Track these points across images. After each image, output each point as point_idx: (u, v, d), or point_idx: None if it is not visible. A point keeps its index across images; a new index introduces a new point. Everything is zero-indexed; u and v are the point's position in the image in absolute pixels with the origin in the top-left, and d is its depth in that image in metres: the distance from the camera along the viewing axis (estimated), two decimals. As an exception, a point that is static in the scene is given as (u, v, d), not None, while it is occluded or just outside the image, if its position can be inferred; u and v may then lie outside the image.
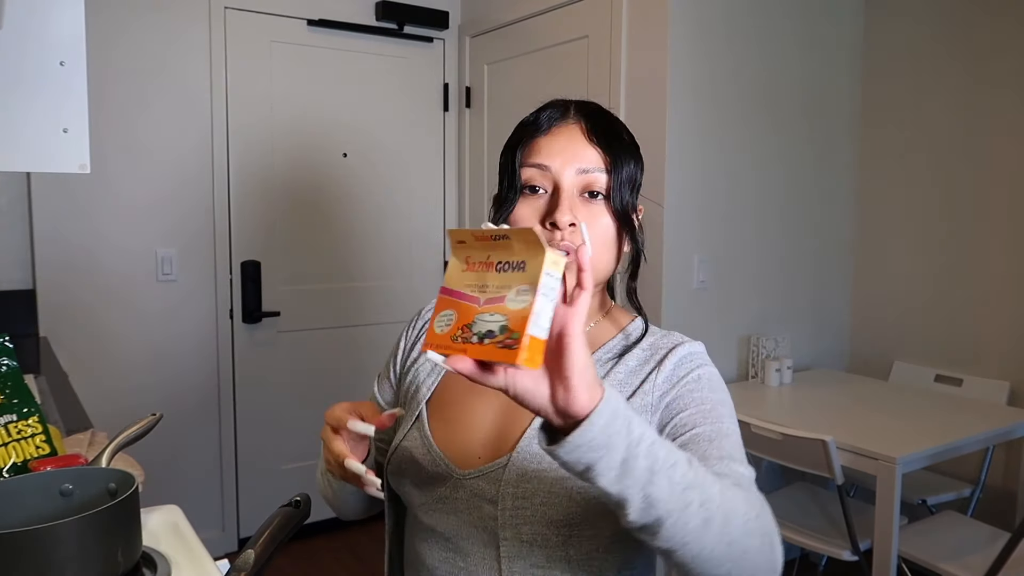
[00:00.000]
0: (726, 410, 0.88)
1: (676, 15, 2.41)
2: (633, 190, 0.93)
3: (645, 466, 0.64)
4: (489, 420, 0.95)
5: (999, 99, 2.56)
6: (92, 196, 2.64)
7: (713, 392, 0.89)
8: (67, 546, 0.74)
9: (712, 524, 0.67)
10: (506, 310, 0.61)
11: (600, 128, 0.92)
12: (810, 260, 2.90)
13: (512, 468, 0.87)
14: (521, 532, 0.86)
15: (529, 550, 0.86)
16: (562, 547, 0.85)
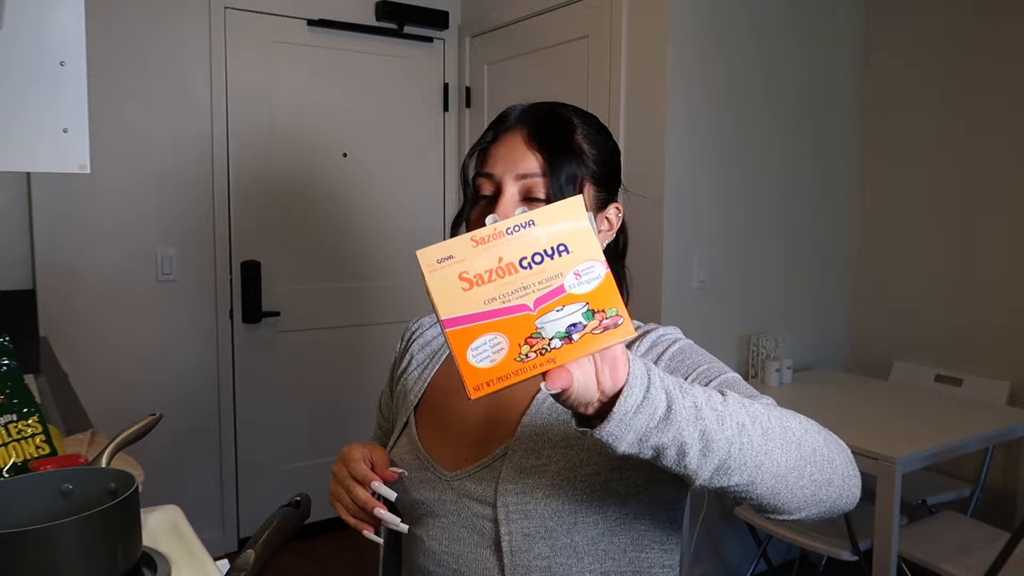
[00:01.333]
0: (718, 364, 0.87)
1: (676, 15, 2.41)
2: (576, 189, 0.89)
3: (689, 405, 0.63)
4: (473, 422, 0.96)
5: (999, 98, 2.56)
6: (92, 196, 2.64)
7: (699, 355, 0.88)
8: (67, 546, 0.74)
9: (772, 434, 0.67)
10: (576, 297, 0.56)
11: (542, 132, 0.91)
12: (810, 260, 2.90)
13: (510, 466, 0.88)
14: (524, 527, 0.86)
15: (532, 543, 0.86)
16: (567, 535, 0.86)
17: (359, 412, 3.20)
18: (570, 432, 0.86)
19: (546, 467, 0.86)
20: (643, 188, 2.52)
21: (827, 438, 0.74)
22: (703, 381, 0.83)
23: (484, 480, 0.89)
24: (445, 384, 1.02)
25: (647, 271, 2.52)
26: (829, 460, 0.71)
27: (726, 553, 2.75)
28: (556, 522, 0.86)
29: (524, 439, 0.89)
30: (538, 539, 0.86)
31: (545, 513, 0.86)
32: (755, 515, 2.34)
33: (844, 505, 0.74)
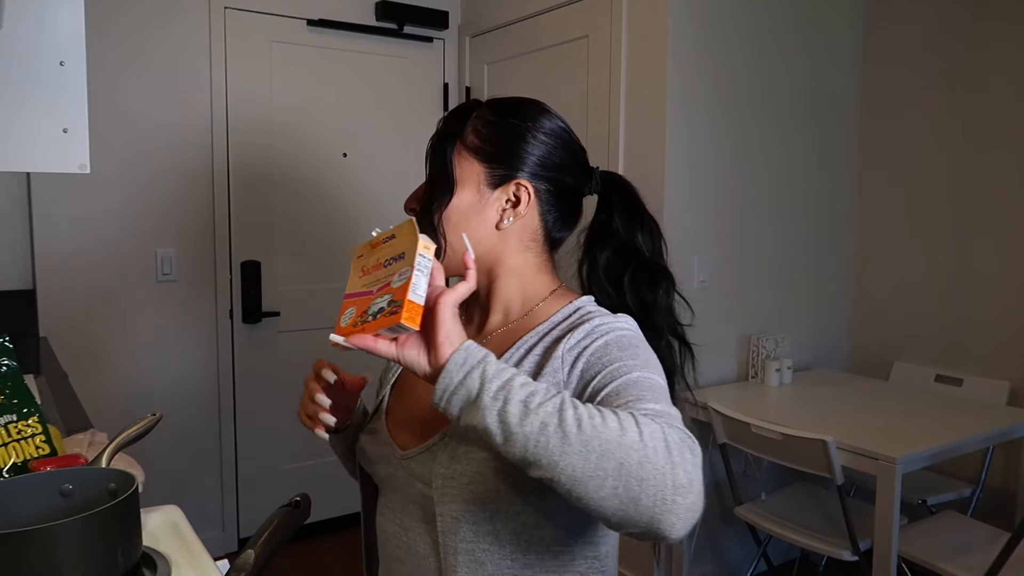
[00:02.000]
0: (636, 362, 0.86)
1: (676, 15, 2.41)
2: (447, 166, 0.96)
3: (497, 396, 0.73)
4: (426, 406, 0.96)
5: (999, 98, 2.56)
6: (92, 196, 2.64)
7: (622, 351, 0.87)
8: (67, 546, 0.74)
9: (572, 441, 0.69)
10: (391, 289, 0.76)
11: (443, 120, 1.00)
12: (810, 260, 2.90)
13: (444, 450, 0.92)
14: (452, 509, 0.91)
15: (458, 525, 0.90)
16: (489, 522, 0.90)
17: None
18: None
19: (472, 454, 0.90)
20: (643, 188, 2.50)
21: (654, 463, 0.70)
22: (604, 381, 0.84)
23: (425, 462, 0.94)
24: None
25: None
26: (639, 480, 0.69)
27: (726, 553, 2.75)
28: (478, 508, 0.89)
29: (458, 428, 0.89)
30: (463, 522, 0.90)
31: (469, 498, 0.89)
32: (755, 515, 2.34)
33: (660, 528, 0.71)
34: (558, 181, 0.98)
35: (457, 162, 0.95)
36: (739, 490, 2.42)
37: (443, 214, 0.95)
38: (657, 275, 1.01)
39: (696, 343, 1.05)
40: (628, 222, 1.03)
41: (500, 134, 0.96)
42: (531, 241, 0.99)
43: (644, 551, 2.61)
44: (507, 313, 1.00)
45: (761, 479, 2.69)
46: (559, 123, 1.00)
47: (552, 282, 1.02)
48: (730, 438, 2.30)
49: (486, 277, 0.99)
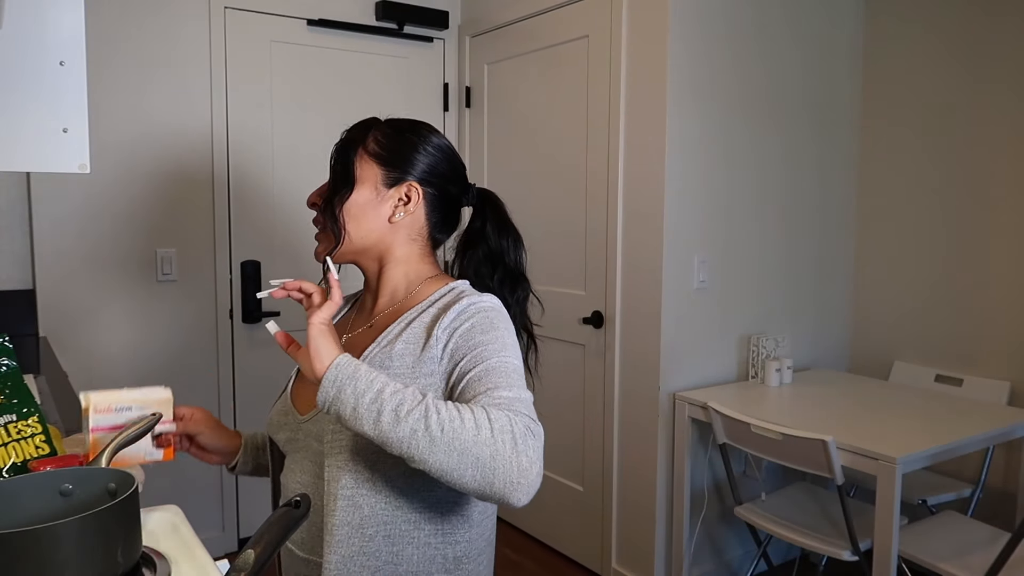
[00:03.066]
0: (496, 345, 1.02)
1: (676, 15, 2.41)
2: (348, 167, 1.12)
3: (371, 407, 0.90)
4: None
5: (999, 98, 2.56)
6: (92, 196, 2.64)
7: (484, 334, 1.03)
8: (67, 546, 0.74)
9: (438, 443, 0.88)
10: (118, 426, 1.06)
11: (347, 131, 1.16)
12: (810, 260, 2.90)
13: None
14: (337, 460, 1.04)
15: (341, 474, 1.04)
16: (368, 471, 1.03)
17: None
18: None
19: None
20: (643, 188, 2.52)
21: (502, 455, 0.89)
22: (468, 365, 1.00)
23: (319, 423, 1.09)
24: None
25: (647, 271, 2.52)
26: (492, 470, 0.88)
27: (726, 553, 2.75)
28: (361, 458, 1.03)
29: None
30: (345, 471, 1.03)
31: (354, 448, 1.03)
32: (755, 515, 2.34)
33: (510, 501, 0.90)
34: (442, 188, 1.15)
35: (358, 164, 1.12)
36: (739, 490, 2.42)
37: (344, 207, 1.11)
38: (518, 280, 1.19)
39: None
40: (497, 232, 1.18)
41: (397, 144, 1.13)
42: (416, 235, 1.15)
43: (645, 550, 2.61)
44: (393, 295, 1.15)
45: (761, 479, 2.69)
46: (446, 142, 1.17)
47: (433, 269, 1.17)
48: (730, 438, 2.30)
49: (376, 264, 1.16)
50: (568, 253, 2.83)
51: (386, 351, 1.07)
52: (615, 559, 2.73)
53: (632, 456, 2.64)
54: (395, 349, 1.06)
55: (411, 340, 1.06)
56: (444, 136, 1.18)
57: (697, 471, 2.58)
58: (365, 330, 1.16)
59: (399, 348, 1.06)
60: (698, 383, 2.60)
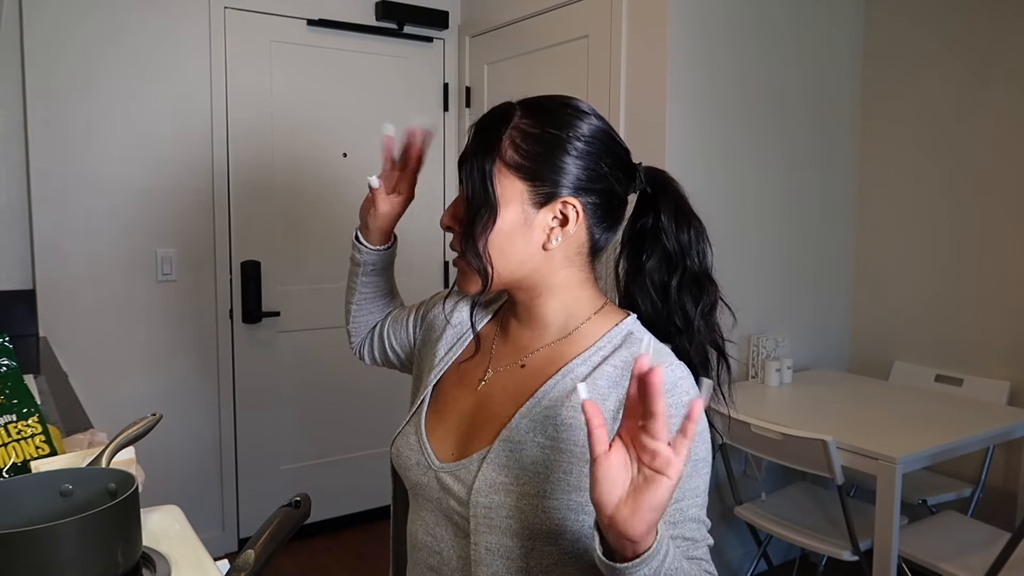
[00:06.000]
0: (688, 467, 0.83)
1: (676, 15, 2.41)
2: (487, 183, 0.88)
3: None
4: (466, 418, 0.98)
5: (999, 98, 2.56)
6: (92, 196, 2.64)
7: (698, 476, 0.87)
8: (67, 546, 0.74)
9: None
10: None
11: (476, 130, 0.93)
12: (810, 260, 2.90)
13: (483, 477, 0.89)
14: (488, 540, 0.88)
15: (492, 558, 0.88)
16: (523, 558, 0.87)
17: (359, 411, 3.20)
18: (539, 457, 0.87)
19: (513, 488, 0.87)
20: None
21: None
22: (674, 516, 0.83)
23: (460, 480, 0.91)
24: (458, 370, 1.04)
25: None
26: None
27: (726, 553, 2.75)
28: (515, 543, 0.87)
29: (500, 451, 0.89)
30: (497, 556, 0.88)
31: (507, 532, 0.87)
32: (755, 515, 2.34)
33: None
34: (606, 192, 0.92)
35: (498, 181, 0.88)
36: (739, 490, 2.42)
37: (488, 238, 0.88)
38: (703, 284, 0.96)
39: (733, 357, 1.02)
40: (676, 225, 0.97)
41: (542, 147, 0.89)
42: (576, 255, 0.93)
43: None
44: (548, 330, 0.95)
45: (761, 479, 2.69)
46: (599, 124, 0.93)
47: (596, 298, 0.96)
48: (730, 438, 2.30)
49: (528, 294, 0.94)
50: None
51: (549, 416, 0.88)
52: (615, 559, 2.73)
53: (632, 456, 2.64)
54: (561, 417, 0.87)
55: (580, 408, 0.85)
56: (596, 114, 0.94)
57: (697, 471, 2.58)
58: (516, 369, 0.96)
59: (567, 417, 0.87)
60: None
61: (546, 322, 0.95)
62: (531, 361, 0.95)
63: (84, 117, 2.61)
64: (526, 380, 0.93)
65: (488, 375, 0.98)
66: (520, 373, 0.95)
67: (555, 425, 0.87)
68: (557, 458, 0.86)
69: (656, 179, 0.99)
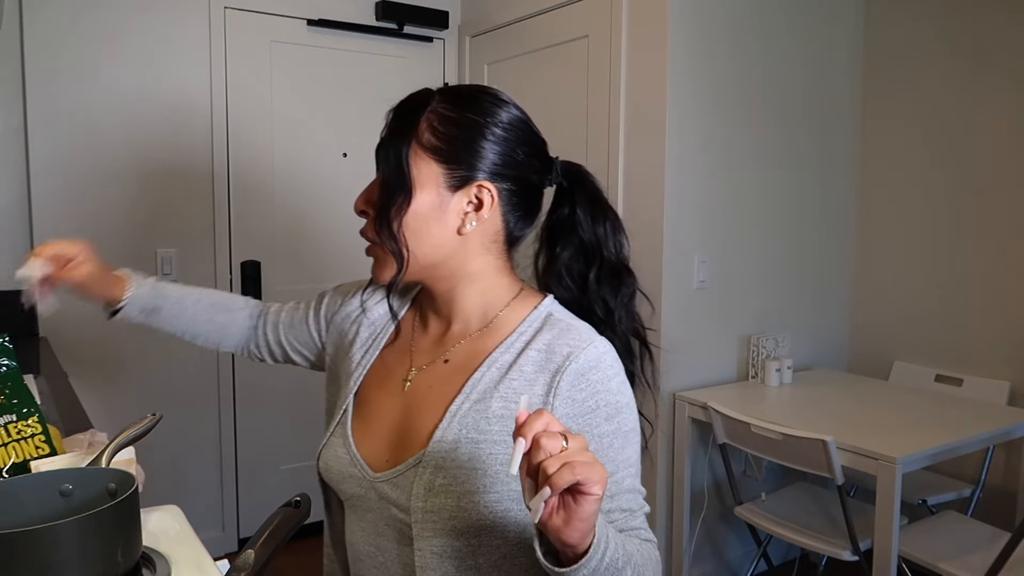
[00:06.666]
0: (620, 441, 0.87)
1: (676, 15, 2.41)
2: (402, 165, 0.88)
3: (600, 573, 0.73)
4: (394, 423, 0.96)
5: (1000, 97, 2.56)
6: (92, 196, 2.64)
7: (609, 421, 0.87)
8: (67, 546, 0.74)
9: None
10: None
11: (393, 115, 0.93)
12: (810, 260, 2.90)
13: (420, 481, 0.88)
14: (432, 544, 0.88)
15: (440, 561, 0.88)
16: (472, 556, 0.88)
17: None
18: (475, 454, 0.87)
19: (453, 488, 0.87)
20: (643, 188, 2.52)
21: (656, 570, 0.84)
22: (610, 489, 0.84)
23: (399, 487, 0.90)
24: (378, 374, 1.01)
25: (647, 271, 2.52)
26: None
27: (726, 553, 2.75)
28: (462, 543, 0.87)
29: (434, 455, 0.89)
30: (445, 558, 0.88)
31: (451, 533, 0.87)
32: (755, 515, 2.34)
33: None
34: (521, 179, 0.92)
35: (414, 163, 0.88)
36: (739, 490, 2.42)
37: (403, 220, 0.89)
38: (621, 275, 0.97)
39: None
40: (591, 217, 0.96)
41: (459, 132, 0.89)
42: (492, 243, 0.93)
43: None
44: (468, 321, 0.95)
45: (761, 479, 2.69)
46: (517, 113, 0.92)
47: (513, 284, 0.97)
48: (730, 438, 2.30)
49: (446, 283, 0.94)
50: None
51: (480, 411, 0.88)
52: (615, 559, 2.73)
53: (632, 456, 2.64)
54: (492, 409, 0.88)
55: (511, 399, 0.88)
56: (515, 104, 0.93)
57: (697, 471, 2.58)
58: (440, 366, 0.95)
59: (497, 409, 0.88)
60: (698, 383, 2.60)
61: (465, 312, 0.95)
62: (454, 356, 0.95)
63: (84, 117, 2.61)
64: (451, 376, 0.93)
65: (412, 374, 0.97)
66: (444, 369, 0.95)
67: (487, 418, 0.88)
68: (493, 451, 0.87)
69: (572, 172, 0.98)
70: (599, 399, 0.87)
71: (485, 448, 0.87)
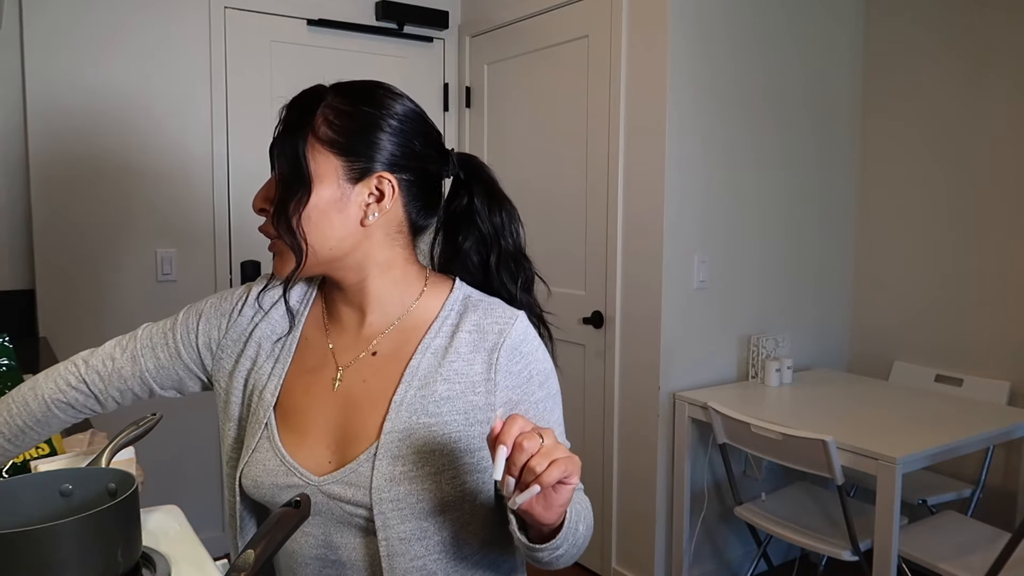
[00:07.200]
0: (551, 403, 0.97)
1: (676, 15, 2.41)
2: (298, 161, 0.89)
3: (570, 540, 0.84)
4: (331, 423, 0.95)
5: (1000, 97, 2.56)
6: (92, 196, 2.64)
7: (542, 387, 0.96)
8: (67, 546, 0.74)
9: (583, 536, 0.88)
10: None
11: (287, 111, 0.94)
12: (810, 260, 2.90)
13: (379, 473, 0.89)
14: (400, 531, 0.90)
15: (408, 545, 0.90)
16: (437, 532, 0.92)
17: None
18: (429, 436, 0.90)
19: (414, 473, 0.89)
20: (643, 188, 2.52)
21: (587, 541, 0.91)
22: None
23: (353, 484, 0.90)
24: (300, 379, 0.98)
25: (647, 271, 2.52)
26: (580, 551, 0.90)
27: (726, 553, 2.75)
28: (430, 523, 0.91)
29: (388, 445, 0.90)
30: (412, 541, 0.90)
31: (419, 516, 0.90)
32: (755, 515, 2.34)
33: None
34: (420, 170, 0.94)
35: (311, 157, 0.90)
36: (739, 490, 2.42)
37: (302, 215, 0.89)
38: (519, 263, 1.01)
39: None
40: (488, 208, 0.99)
41: (356, 124, 0.90)
42: (397, 233, 0.95)
43: (645, 550, 2.61)
44: (385, 311, 0.96)
45: (761, 479, 2.69)
46: (412, 106, 0.94)
47: (421, 272, 0.99)
48: (730, 438, 2.30)
49: (355, 275, 0.95)
50: (568, 253, 2.83)
51: (426, 395, 0.91)
52: (615, 559, 2.73)
53: (632, 456, 2.64)
54: (438, 392, 0.91)
55: (455, 380, 0.92)
56: (408, 97, 0.96)
57: (697, 471, 2.58)
58: (368, 359, 0.96)
59: (442, 392, 0.91)
60: (698, 383, 2.60)
61: (382, 302, 0.96)
62: (381, 347, 0.96)
63: (84, 117, 2.61)
64: (384, 367, 0.94)
65: (340, 373, 0.96)
66: (374, 362, 0.95)
67: (435, 401, 0.91)
68: (445, 431, 0.91)
69: (468, 163, 1.01)
70: (532, 368, 0.95)
71: (438, 430, 0.90)
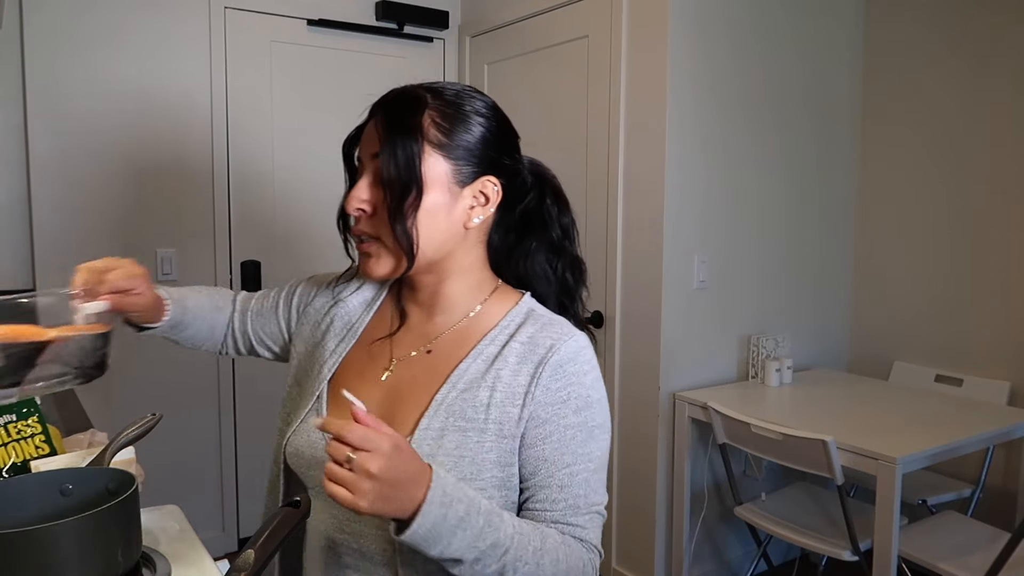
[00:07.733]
0: (583, 435, 0.91)
1: (676, 15, 2.41)
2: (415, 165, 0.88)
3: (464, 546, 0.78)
4: (375, 412, 0.93)
5: (1000, 98, 2.56)
6: (92, 196, 2.64)
7: (577, 414, 0.91)
8: (67, 546, 0.74)
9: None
10: None
11: (387, 113, 0.93)
12: (810, 260, 2.90)
13: None
14: None
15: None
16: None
17: (359, 412, 3.20)
18: (461, 441, 0.89)
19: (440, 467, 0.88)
20: (643, 188, 2.52)
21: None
22: (553, 459, 0.89)
23: None
24: (356, 363, 1.01)
25: (647, 271, 2.52)
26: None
27: (726, 553, 2.75)
28: None
29: (421, 442, 0.90)
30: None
31: None
32: (755, 515, 2.34)
33: None
34: (512, 172, 0.96)
35: (424, 159, 0.89)
36: (739, 490, 2.42)
37: (416, 218, 0.89)
38: (581, 267, 1.03)
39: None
40: (559, 211, 1.01)
41: (460, 126, 0.91)
42: (484, 235, 0.97)
43: (645, 550, 2.61)
44: (451, 312, 0.97)
45: (761, 479, 2.69)
46: (500, 112, 0.96)
47: (492, 278, 0.99)
48: (730, 438, 2.30)
49: (436, 277, 0.96)
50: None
51: (467, 399, 0.91)
52: (615, 559, 2.73)
53: (632, 456, 2.64)
54: (479, 398, 0.90)
55: (497, 388, 0.91)
56: (492, 100, 0.97)
57: (697, 471, 2.58)
58: (422, 356, 0.97)
59: (483, 398, 0.90)
60: (698, 383, 2.60)
61: (453, 305, 0.97)
62: (437, 346, 0.96)
63: (84, 116, 2.61)
64: (436, 366, 0.95)
65: (393, 365, 0.98)
66: (428, 360, 0.96)
67: (474, 406, 0.90)
68: (480, 439, 0.89)
69: (536, 166, 1.03)
70: (571, 391, 0.91)
71: (472, 436, 0.89)
